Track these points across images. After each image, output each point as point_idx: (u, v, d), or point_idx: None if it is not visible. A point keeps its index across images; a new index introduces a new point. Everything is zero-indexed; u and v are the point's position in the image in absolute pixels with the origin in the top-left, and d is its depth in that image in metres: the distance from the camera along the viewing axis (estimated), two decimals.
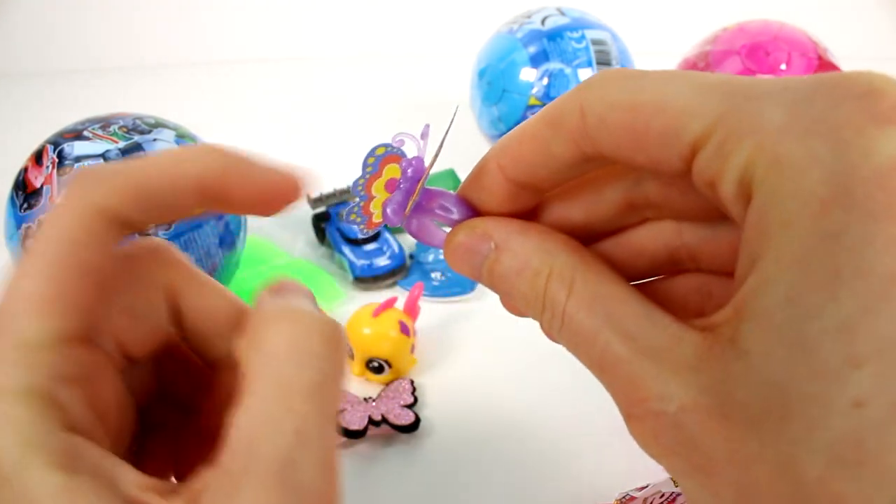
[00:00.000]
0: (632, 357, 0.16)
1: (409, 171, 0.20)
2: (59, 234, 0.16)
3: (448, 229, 0.21)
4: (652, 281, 0.21)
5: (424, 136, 0.20)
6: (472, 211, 0.20)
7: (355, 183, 0.20)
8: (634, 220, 0.20)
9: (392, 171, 0.20)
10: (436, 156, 0.20)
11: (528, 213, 0.20)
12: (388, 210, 0.20)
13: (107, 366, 0.17)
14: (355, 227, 0.20)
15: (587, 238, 0.20)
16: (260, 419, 0.15)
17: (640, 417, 0.16)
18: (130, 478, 0.15)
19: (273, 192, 0.18)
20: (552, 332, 0.18)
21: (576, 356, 0.17)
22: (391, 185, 0.20)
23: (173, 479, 0.21)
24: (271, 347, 0.16)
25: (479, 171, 0.20)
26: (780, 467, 0.13)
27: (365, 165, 0.20)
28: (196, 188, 0.17)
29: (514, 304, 0.19)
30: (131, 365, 0.18)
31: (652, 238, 0.20)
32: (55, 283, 0.15)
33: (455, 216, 0.20)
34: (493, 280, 0.19)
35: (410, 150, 0.20)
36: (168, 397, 0.21)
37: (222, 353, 0.20)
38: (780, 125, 0.14)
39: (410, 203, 0.20)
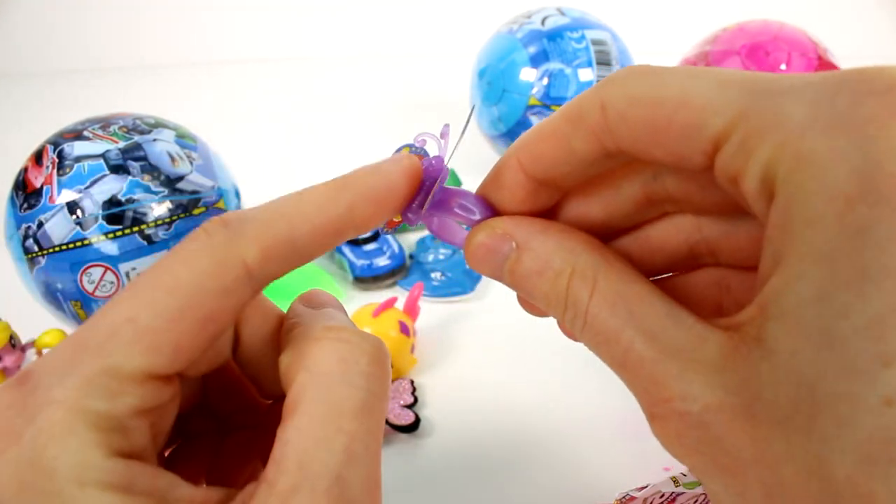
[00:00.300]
0: (655, 357, 0.16)
1: (428, 170, 0.20)
2: (193, 279, 0.16)
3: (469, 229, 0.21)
4: (670, 276, 0.21)
5: (444, 135, 0.20)
6: (492, 210, 0.20)
7: None
8: (653, 214, 0.20)
9: None
10: (450, 154, 0.20)
11: (548, 211, 0.20)
12: (409, 213, 0.20)
13: (176, 394, 0.17)
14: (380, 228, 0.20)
15: (606, 235, 0.20)
16: (311, 438, 0.15)
17: (663, 417, 0.15)
18: (183, 492, 0.15)
19: (395, 199, 0.19)
20: (574, 332, 0.18)
21: (598, 355, 0.17)
22: None
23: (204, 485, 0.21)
24: (321, 367, 0.16)
25: (498, 170, 0.20)
26: (809, 467, 0.13)
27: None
28: (339, 231, 0.18)
29: (535, 305, 0.19)
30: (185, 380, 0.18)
31: (671, 233, 0.20)
32: (174, 327, 0.15)
33: (475, 216, 0.20)
34: (514, 280, 0.19)
35: (433, 150, 0.20)
36: (209, 406, 0.21)
37: (266, 368, 0.20)
38: (802, 121, 0.14)
39: (428, 202, 0.20)
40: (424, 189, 0.20)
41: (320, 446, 0.15)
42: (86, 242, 0.42)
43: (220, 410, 0.21)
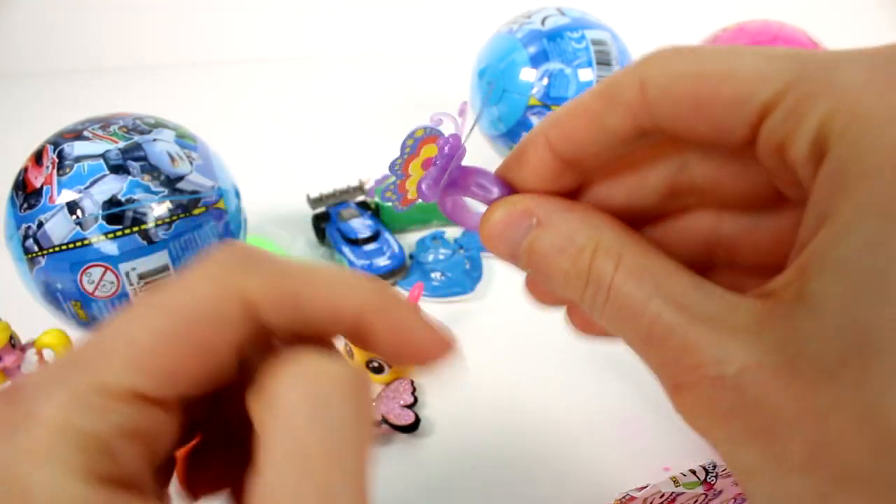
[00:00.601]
0: (685, 324, 0.15)
1: (445, 147, 0.19)
2: (194, 305, 0.15)
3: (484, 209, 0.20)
4: None
5: (462, 113, 0.20)
6: (511, 190, 0.20)
7: (392, 163, 0.19)
8: (675, 207, 0.20)
9: (429, 150, 0.20)
10: (468, 133, 0.20)
11: (570, 195, 0.20)
12: (423, 185, 0.19)
13: (174, 419, 0.16)
14: (391, 203, 0.20)
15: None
16: (279, 490, 0.14)
17: (692, 385, 0.15)
18: None
19: (423, 350, 0.18)
20: (594, 311, 0.17)
21: (619, 332, 0.17)
22: (428, 164, 0.20)
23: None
24: (285, 409, 0.15)
25: (523, 147, 0.19)
26: (861, 417, 0.13)
27: (403, 147, 0.19)
28: (346, 321, 0.17)
29: (550, 284, 0.18)
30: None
31: (690, 229, 0.20)
32: (168, 350, 0.15)
33: (493, 195, 0.20)
34: (532, 258, 0.18)
35: (447, 131, 0.20)
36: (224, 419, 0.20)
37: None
38: (858, 83, 0.14)
39: (444, 179, 0.19)
40: (440, 166, 0.19)
41: (288, 499, 0.14)
42: (86, 242, 0.42)
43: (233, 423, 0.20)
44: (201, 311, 0.15)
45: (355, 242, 0.58)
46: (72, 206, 0.42)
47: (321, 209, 0.63)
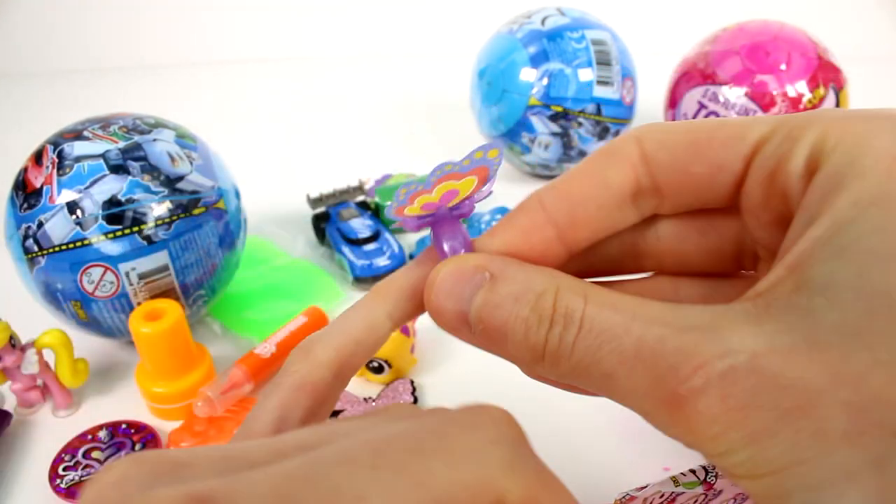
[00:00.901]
0: (677, 333, 0.14)
1: (458, 204, 0.19)
2: (273, 405, 0.18)
3: None
4: None
5: (490, 176, 0.19)
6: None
7: (400, 188, 0.18)
8: (632, 267, 0.20)
9: (443, 189, 0.18)
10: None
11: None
12: (408, 222, 0.19)
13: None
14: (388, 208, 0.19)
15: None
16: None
17: (698, 390, 0.14)
18: None
19: None
20: (561, 353, 0.16)
21: (593, 366, 0.16)
22: (429, 205, 0.19)
23: None
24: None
25: (514, 211, 0.19)
26: None
27: (430, 178, 0.18)
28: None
29: (504, 346, 0.17)
30: None
31: (646, 292, 0.20)
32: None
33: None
34: (484, 312, 0.17)
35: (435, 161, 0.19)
36: None
37: None
38: (843, 114, 0.16)
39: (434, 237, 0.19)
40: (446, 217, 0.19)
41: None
42: (86, 242, 0.42)
43: None
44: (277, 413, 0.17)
45: (355, 242, 0.58)
46: (72, 206, 0.42)
47: (321, 209, 0.63)
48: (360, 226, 0.59)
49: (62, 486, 0.38)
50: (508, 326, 0.17)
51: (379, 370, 0.44)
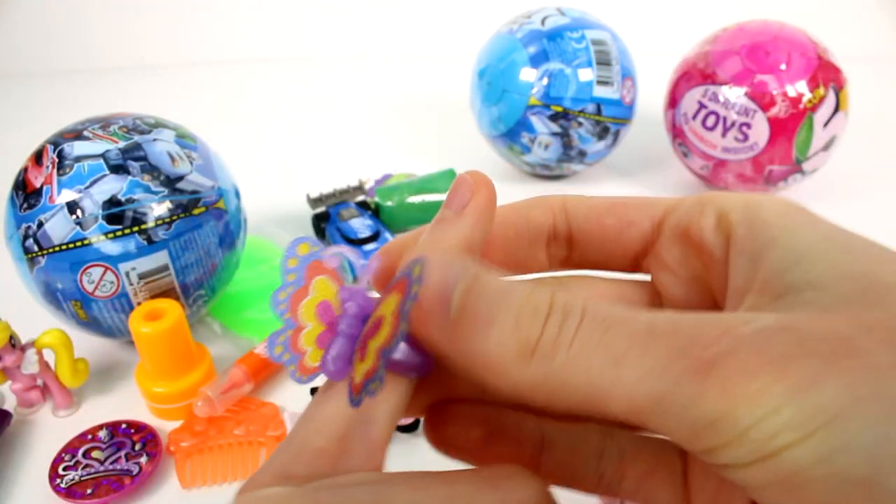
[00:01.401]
0: (690, 316, 0.14)
1: (349, 305, 0.16)
2: None
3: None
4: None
5: (368, 270, 0.17)
6: (430, 362, 0.17)
7: (275, 297, 0.16)
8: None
9: (323, 287, 0.16)
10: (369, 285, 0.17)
11: None
12: (330, 365, 0.16)
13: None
14: (288, 369, 0.16)
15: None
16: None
17: (728, 352, 0.13)
18: None
19: None
20: (560, 342, 0.14)
21: (598, 352, 0.14)
22: (325, 316, 0.16)
23: None
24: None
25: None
26: None
27: (286, 272, 0.16)
28: None
29: (485, 333, 0.15)
30: None
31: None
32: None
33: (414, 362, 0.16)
34: (473, 291, 0.15)
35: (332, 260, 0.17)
36: None
37: None
38: (732, 193, 0.19)
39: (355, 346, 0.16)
40: (348, 334, 0.16)
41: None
42: (86, 242, 0.42)
43: None
44: None
45: (355, 242, 0.58)
46: (72, 206, 0.42)
47: (321, 209, 0.63)
48: (361, 226, 0.59)
49: (62, 485, 0.38)
50: (497, 313, 0.15)
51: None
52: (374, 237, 0.58)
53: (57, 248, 0.42)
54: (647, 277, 0.21)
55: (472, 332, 0.15)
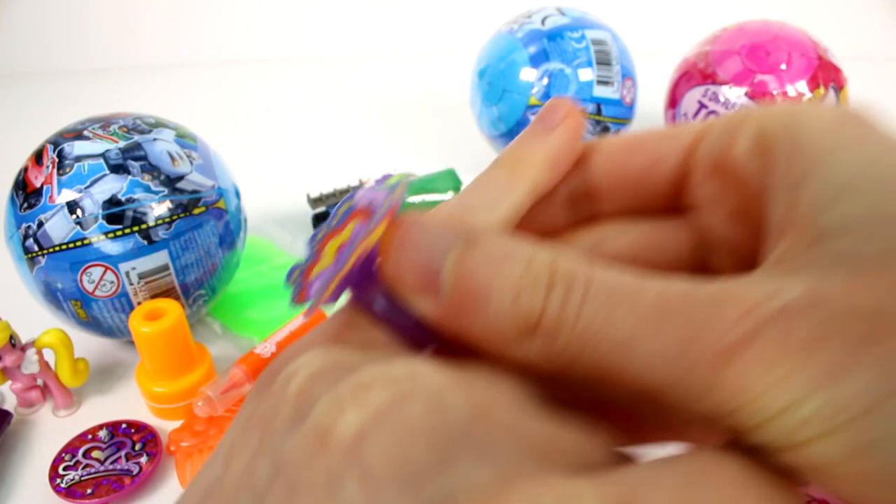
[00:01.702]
0: (705, 286, 0.12)
1: (358, 234, 0.15)
2: None
3: None
4: None
5: (393, 193, 0.16)
6: (431, 334, 0.15)
7: (314, 235, 0.16)
8: None
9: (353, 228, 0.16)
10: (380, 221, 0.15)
11: None
12: (314, 285, 0.15)
13: None
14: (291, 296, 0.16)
15: None
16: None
17: (748, 337, 0.12)
18: None
19: None
20: (564, 321, 0.13)
21: (604, 330, 0.13)
22: (342, 249, 0.15)
23: None
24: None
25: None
26: None
27: (332, 215, 0.16)
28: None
29: (482, 314, 0.14)
30: None
31: None
32: None
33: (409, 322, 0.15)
34: (464, 267, 0.14)
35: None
36: None
37: None
38: (771, 106, 0.16)
39: (334, 284, 0.14)
40: (345, 275, 0.15)
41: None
42: (86, 242, 0.42)
43: None
44: None
45: None
46: (72, 206, 0.42)
47: (321, 209, 0.63)
48: None
49: (62, 485, 0.38)
50: (494, 288, 0.13)
51: None
52: None
53: (57, 248, 0.42)
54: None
55: (465, 316, 0.14)
